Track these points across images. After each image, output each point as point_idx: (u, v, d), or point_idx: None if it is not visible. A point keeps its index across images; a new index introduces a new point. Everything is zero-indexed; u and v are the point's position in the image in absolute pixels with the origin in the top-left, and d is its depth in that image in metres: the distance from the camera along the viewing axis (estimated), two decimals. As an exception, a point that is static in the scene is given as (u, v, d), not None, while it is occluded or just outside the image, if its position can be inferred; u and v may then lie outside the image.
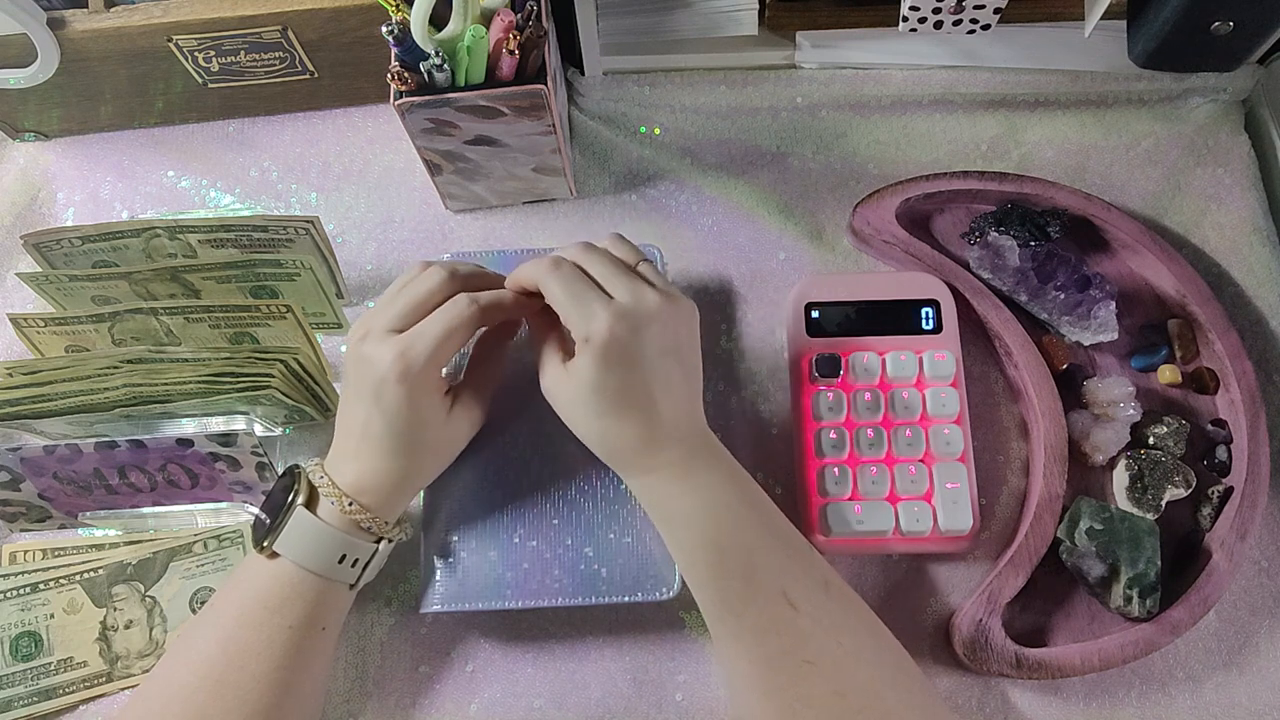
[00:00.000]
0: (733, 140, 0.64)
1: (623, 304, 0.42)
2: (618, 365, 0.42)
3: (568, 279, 0.43)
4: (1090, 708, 0.50)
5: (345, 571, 0.44)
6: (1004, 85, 0.62)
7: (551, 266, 0.43)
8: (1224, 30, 0.55)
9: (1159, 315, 0.57)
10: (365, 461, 0.44)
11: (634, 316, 0.42)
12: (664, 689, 0.50)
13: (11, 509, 0.52)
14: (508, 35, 0.48)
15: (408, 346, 0.42)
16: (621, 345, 0.41)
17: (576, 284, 0.43)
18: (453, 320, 0.43)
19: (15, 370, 0.49)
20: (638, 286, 0.43)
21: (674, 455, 0.44)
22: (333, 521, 0.43)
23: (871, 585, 0.52)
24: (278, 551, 0.43)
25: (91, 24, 0.56)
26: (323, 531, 0.43)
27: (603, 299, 0.42)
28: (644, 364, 0.42)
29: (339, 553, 0.43)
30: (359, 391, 0.43)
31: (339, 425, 0.46)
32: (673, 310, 0.43)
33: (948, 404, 0.52)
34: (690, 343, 0.46)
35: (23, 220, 0.64)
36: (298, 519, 0.43)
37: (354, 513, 0.43)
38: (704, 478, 0.44)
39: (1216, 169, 0.61)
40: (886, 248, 0.58)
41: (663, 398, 0.43)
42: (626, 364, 0.42)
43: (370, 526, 0.44)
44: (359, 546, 0.44)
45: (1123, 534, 0.49)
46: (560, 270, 0.43)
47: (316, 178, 0.64)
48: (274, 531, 0.43)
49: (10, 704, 0.49)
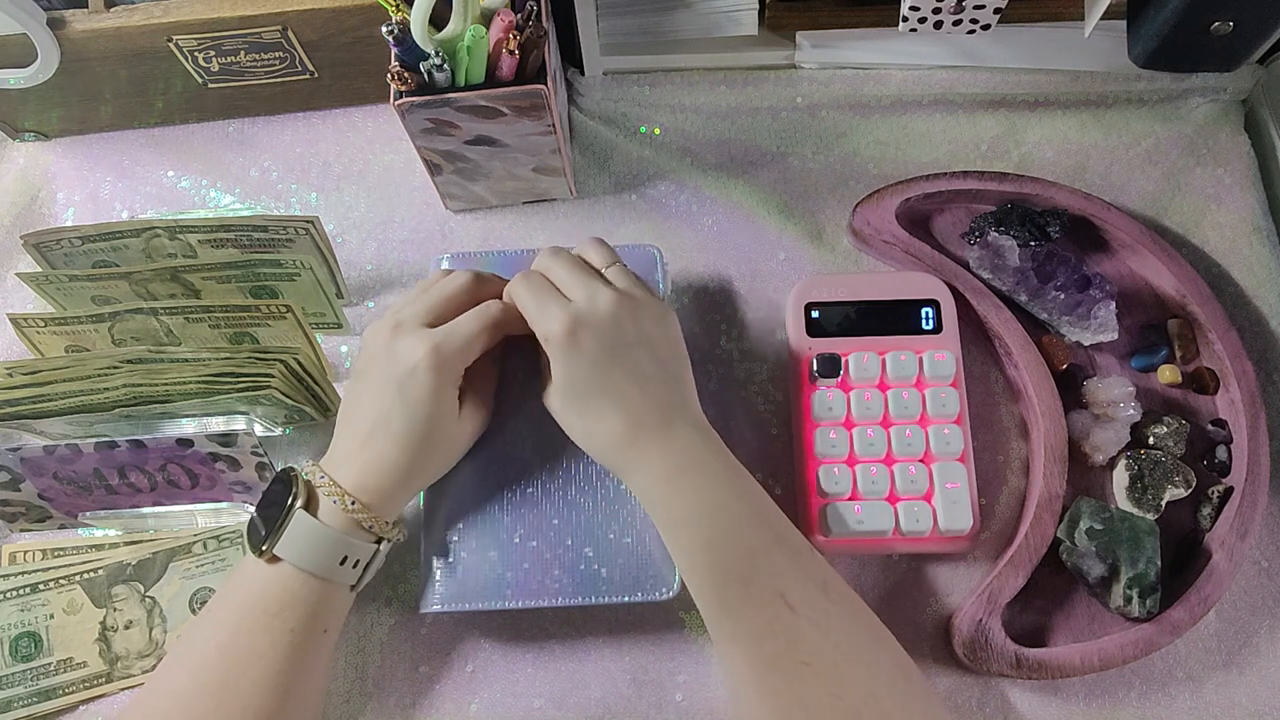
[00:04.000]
0: (733, 140, 0.64)
1: (578, 304, 0.45)
2: (579, 361, 0.44)
3: (531, 286, 0.46)
4: (1090, 708, 0.50)
5: (346, 573, 0.44)
6: (1004, 85, 0.62)
7: (520, 277, 0.47)
8: (1224, 30, 0.55)
9: (1159, 315, 0.57)
10: (373, 455, 0.44)
11: (587, 315, 0.44)
12: (664, 689, 0.50)
13: (11, 509, 0.52)
14: (508, 35, 0.48)
15: (443, 339, 0.44)
16: (577, 342, 0.44)
17: (538, 290, 0.46)
18: (486, 320, 0.46)
19: (15, 370, 0.49)
20: (594, 287, 0.45)
21: (665, 451, 0.44)
22: (333, 523, 0.43)
23: (871, 585, 0.52)
24: (278, 555, 0.42)
25: (91, 24, 0.56)
26: (324, 534, 0.43)
27: (560, 301, 0.45)
28: (607, 358, 0.44)
29: (340, 554, 0.43)
30: (380, 383, 0.45)
31: (344, 422, 0.46)
32: (630, 307, 0.45)
33: (948, 404, 0.52)
34: (662, 337, 0.46)
35: (23, 220, 0.64)
36: (298, 521, 0.43)
37: (355, 511, 0.43)
38: (701, 477, 0.44)
39: (1216, 169, 0.61)
40: (886, 248, 0.58)
41: (634, 388, 0.44)
42: (588, 360, 0.44)
43: (371, 526, 0.44)
44: (360, 547, 0.44)
45: (1123, 534, 0.49)
46: (527, 279, 0.46)
47: (316, 178, 0.64)
48: (274, 535, 0.43)
49: (10, 704, 0.49)
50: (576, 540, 0.48)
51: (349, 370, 0.58)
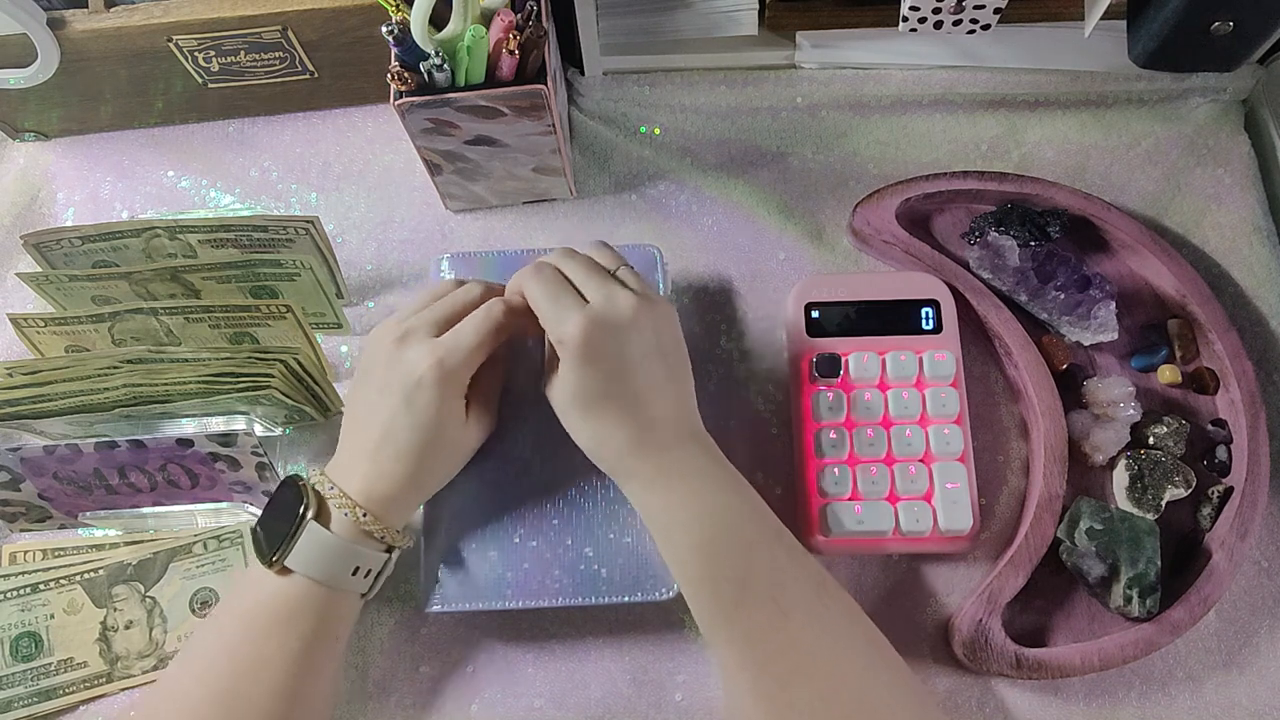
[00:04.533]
0: (733, 140, 0.64)
1: (596, 306, 0.43)
2: (595, 366, 0.43)
3: (546, 282, 0.44)
4: (1090, 708, 0.50)
5: (358, 582, 0.43)
6: (1004, 85, 0.62)
7: (533, 271, 0.45)
8: (1224, 30, 0.55)
9: (1159, 315, 0.57)
10: (381, 464, 0.44)
11: (607, 318, 0.43)
12: (664, 689, 0.50)
13: (11, 509, 0.52)
14: (508, 35, 0.48)
15: (448, 352, 0.43)
16: (595, 346, 0.42)
17: (553, 287, 0.44)
18: (490, 325, 0.45)
19: (15, 370, 0.49)
20: (612, 289, 0.44)
21: (666, 459, 0.44)
22: (344, 533, 0.43)
23: (871, 585, 0.52)
24: (289, 567, 0.42)
25: (91, 24, 0.56)
26: (335, 545, 0.42)
27: (578, 302, 0.43)
28: (624, 365, 0.43)
29: (352, 565, 0.43)
30: (386, 392, 0.44)
31: (350, 429, 0.46)
32: (648, 311, 0.44)
33: (948, 404, 0.52)
34: (673, 344, 0.46)
35: (23, 220, 0.64)
36: (310, 533, 0.42)
37: (366, 523, 0.43)
38: (698, 483, 0.44)
39: (1216, 169, 0.61)
40: (886, 248, 0.58)
41: (650, 399, 0.44)
42: (605, 365, 0.43)
43: (382, 536, 0.43)
44: (371, 557, 0.43)
45: (1123, 534, 0.49)
46: (540, 274, 0.45)
47: (316, 178, 0.64)
48: (285, 547, 0.42)
49: (10, 704, 0.49)
50: (576, 540, 0.48)
51: (349, 370, 0.58)
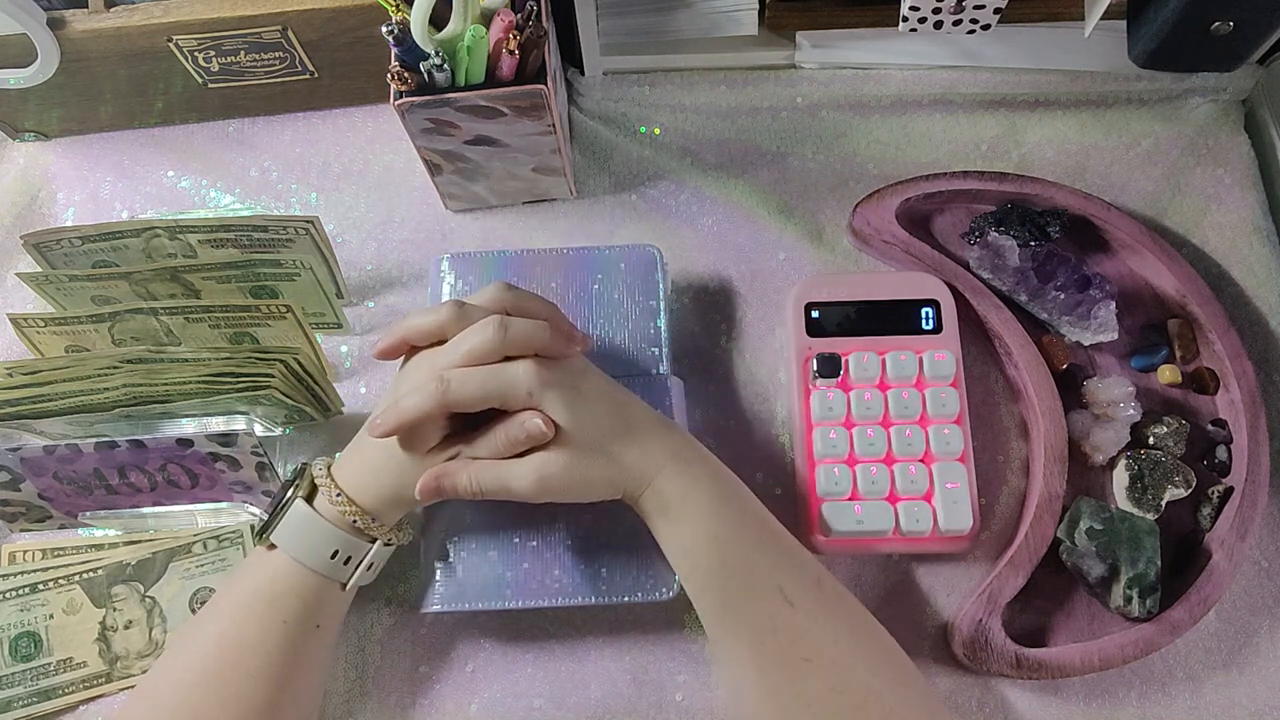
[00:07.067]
0: (733, 140, 0.64)
1: (530, 429, 0.42)
2: (554, 481, 0.42)
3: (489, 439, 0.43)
4: (1090, 708, 0.49)
5: (339, 569, 0.44)
6: (1004, 85, 0.62)
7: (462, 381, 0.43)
8: (1224, 30, 0.55)
9: (1159, 315, 0.57)
10: (374, 477, 0.44)
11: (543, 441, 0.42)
12: (664, 689, 0.50)
13: (11, 509, 0.52)
14: (508, 35, 0.48)
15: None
16: (550, 478, 0.42)
17: (493, 443, 0.43)
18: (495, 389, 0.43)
19: (15, 370, 0.49)
20: (509, 376, 0.42)
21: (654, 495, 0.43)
22: (328, 516, 0.43)
23: (871, 585, 0.52)
24: (275, 544, 0.43)
25: (91, 24, 0.56)
26: (317, 525, 0.43)
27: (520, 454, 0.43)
28: (579, 451, 0.42)
29: (332, 547, 0.43)
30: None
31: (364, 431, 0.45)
32: (551, 373, 0.43)
33: (948, 404, 0.52)
34: (593, 383, 0.45)
35: (23, 220, 0.64)
36: (294, 511, 0.43)
37: (343, 505, 0.43)
38: (695, 487, 0.44)
39: (1216, 169, 0.61)
40: (886, 248, 0.58)
41: (615, 451, 0.43)
42: (563, 477, 0.42)
43: (365, 525, 0.44)
44: (352, 543, 0.44)
45: (1123, 534, 0.49)
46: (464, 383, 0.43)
47: (316, 178, 0.64)
48: (272, 521, 0.43)
49: (10, 704, 0.49)
50: (576, 540, 0.48)
51: (349, 370, 0.58)
